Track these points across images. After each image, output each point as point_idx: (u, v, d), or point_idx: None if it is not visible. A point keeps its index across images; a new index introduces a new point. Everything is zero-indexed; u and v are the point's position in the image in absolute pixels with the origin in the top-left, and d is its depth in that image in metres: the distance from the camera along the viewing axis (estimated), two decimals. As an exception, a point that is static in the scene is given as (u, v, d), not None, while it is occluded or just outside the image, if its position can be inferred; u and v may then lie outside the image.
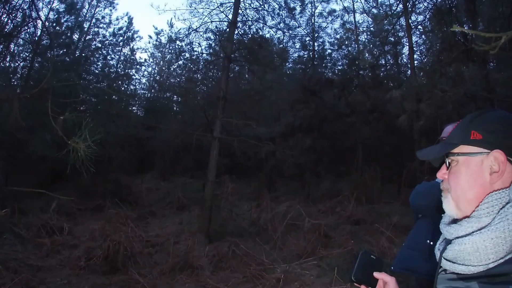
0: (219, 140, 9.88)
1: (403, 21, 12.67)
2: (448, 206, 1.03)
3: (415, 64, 13.30)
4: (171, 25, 17.50)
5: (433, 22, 11.03)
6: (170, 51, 17.83)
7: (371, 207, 10.58)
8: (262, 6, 10.77)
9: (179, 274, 6.83)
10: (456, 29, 2.25)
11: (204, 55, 12.16)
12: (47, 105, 2.49)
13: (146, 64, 21.89)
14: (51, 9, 13.62)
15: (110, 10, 16.83)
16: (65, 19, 14.35)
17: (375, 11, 14.31)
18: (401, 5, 11.76)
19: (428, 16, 11.53)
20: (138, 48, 22.28)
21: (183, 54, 12.62)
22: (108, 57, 17.55)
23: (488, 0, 9.73)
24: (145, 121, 18.68)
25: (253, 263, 7.00)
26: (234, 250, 7.62)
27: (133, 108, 22.03)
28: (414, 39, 13.11)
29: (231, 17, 9.95)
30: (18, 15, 11.64)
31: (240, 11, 10.31)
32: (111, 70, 17.59)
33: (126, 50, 18.19)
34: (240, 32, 10.67)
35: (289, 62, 16.32)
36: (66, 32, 14.56)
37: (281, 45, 15.44)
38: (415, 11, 12.31)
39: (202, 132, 12.05)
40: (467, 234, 0.94)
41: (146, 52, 23.44)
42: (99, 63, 17.31)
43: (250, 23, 10.84)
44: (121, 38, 17.41)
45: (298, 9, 15.18)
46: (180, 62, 16.26)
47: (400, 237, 7.70)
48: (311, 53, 15.66)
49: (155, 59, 22.16)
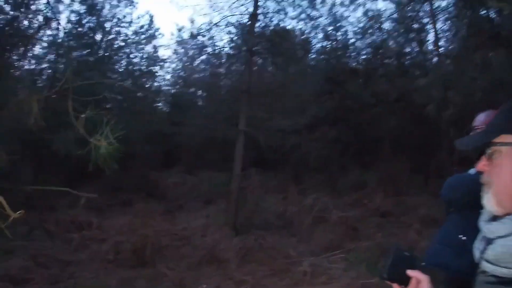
0: (244, 133, 9.87)
1: (427, 7, 12.26)
2: (489, 202, 0.93)
3: (441, 51, 12.87)
4: (192, 21, 17.49)
5: (459, 7, 10.57)
6: (193, 47, 17.86)
7: (399, 199, 10.33)
8: (283, -3, 10.64)
9: (206, 267, 6.91)
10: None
11: (226, 49, 12.15)
12: (67, 105, 2.51)
13: (170, 61, 22.03)
14: (72, 11, 13.90)
15: (131, 9, 16.89)
16: (87, 20, 14.59)
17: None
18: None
19: (453, 0, 11.06)
20: (161, 45, 22.42)
21: (205, 50, 12.65)
22: (132, 56, 17.71)
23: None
24: (171, 117, 18.87)
25: (280, 256, 6.98)
26: (261, 243, 7.63)
27: (159, 105, 22.26)
28: (439, 25, 12.66)
29: (252, 10, 9.89)
30: (39, 18, 11.96)
31: (261, 3, 10.21)
32: (135, 68, 17.78)
33: (149, 48, 18.32)
34: (261, 25, 10.60)
35: (312, 53, 16.08)
36: (89, 33, 14.82)
37: (303, 36, 15.20)
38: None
39: (227, 126, 12.08)
40: (510, 234, 0.85)
41: (169, 49, 23.57)
42: (123, 62, 17.52)
43: (271, 15, 10.73)
44: (143, 36, 17.52)
45: (319, -1, 14.95)
46: (203, 57, 16.31)
47: (428, 230, 7.49)
48: (334, 43, 15.40)
49: (178, 55, 22.28)
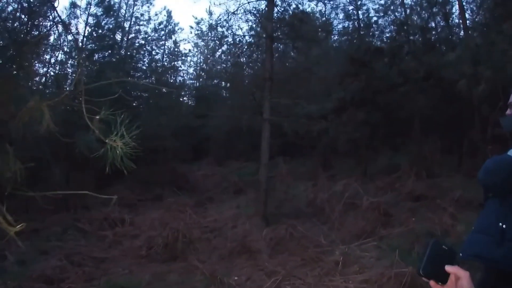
0: (270, 122, 9.77)
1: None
2: None
3: (468, 24, 12.22)
4: (210, 13, 17.50)
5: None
6: (213, 39, 17.89)
7: (432, 181, 9.93)
8: (300, -21, 10.36)
9: (237, 259, 6.90)
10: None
11: (246, 38, 12.02)
12: (87, 107, 2.49)
13: (191, 54, 22.22)
14: (90, 15, 14.14)
15: (148, 7, 17.19)
16: (105, 22, 14.84)
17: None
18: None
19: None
20: (181, 40, 22.68)
21: (226, 40, 12.58)
22: (153, 53, 18.03)
23: None
24: (196, 110, 19.02)
25: (311, 245, 6.88)
26: (292, 233, 7.55)
27: (184, 99, 22.53)
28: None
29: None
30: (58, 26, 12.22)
31: (277, -12, 10.00)
32: (158, 65, 18.03)
33: (170, 43, 18.54)
34: (280, 10, 10.38)
35: (334, 35, 15.71)
36: (108, 34, 15.07)
37: (324, 18, 14.85)
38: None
39: (252, 115, 11.99)
40: None
41: (190, 43, 23.78)
42: (145, 60, 17.82)
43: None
44: (163, 32, 17.77)
45: (338, -22, 14.49)
46: (224, 48, 16.27)
47: (464, 213, 7.21)
48: (356, 23, 14.94)
49: (199, 48, 22.41)
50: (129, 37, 16.85)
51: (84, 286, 5.73)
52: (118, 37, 16.15)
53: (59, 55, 14.34)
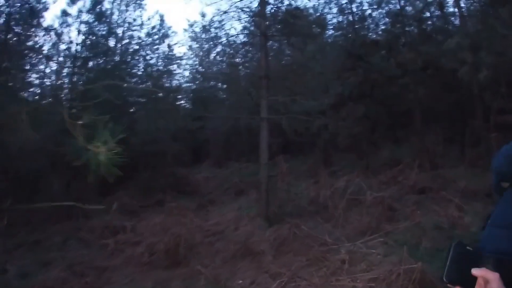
0: (268, 120, 9.64)
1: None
2: None
3: (463, 11, 12.05)
4: (203, 15, 17.38)
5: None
6: (207, 40, 17.80)
7: (435, 173, 9.78)
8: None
9: (241, 261, 6.78)
10: None
11: (240, 37, 11.91)
12: (77, 114, 2.35)
13: (186, 57, 22.12)
14: (81, 22, 14.01)
15: (140, 12, 17.04)
16: (98, 29, 14.70)
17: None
18: None
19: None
20: (175, 43, 22.55)
21: (219, 40, 12.47)
22: (148, 57, 17.87)
23: None
24: (194, 113, 18.92)
25: (316, 244, 6.74)
26: (295, 232, 7.41)
27: (181, 102, 22.45)
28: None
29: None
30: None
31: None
32: (153, 69, 17.91)
33: (164, 47, 18.41)
34: (273, 7, 10.25)
35: (329, 29, 15.53)
36: (102, 41, 14.94)
37: (317, 13, 14.67)
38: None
39: (250, 115, 11.85)
40: None
41: (184, 46, 23.67)
42: (140, 65, 17.68)
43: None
44: (156, 37, 17.61)
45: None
46: (219, 49, 16.17)
47: (470, 204, 7.09)
48: (350, 16, 14.78)
49: (194, 51, 22.29)
50: (123, 43, 16.72)
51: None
52: (112, 44, 16.01)
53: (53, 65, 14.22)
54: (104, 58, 14.75)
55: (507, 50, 6.79)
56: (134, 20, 16.90)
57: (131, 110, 16.66)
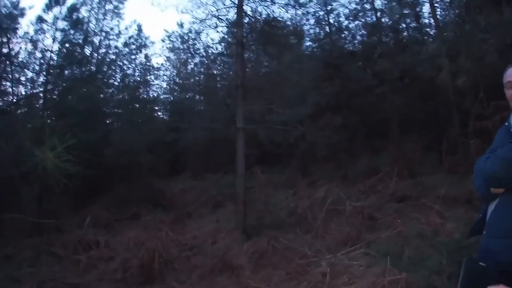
0: (244, 131, 9.48)
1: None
2: None
3: (439, 23, 12.28)
4: (181, 25, 17.19)
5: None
6: (185, 51, 17.63)
7: (415, 181, 9.81)
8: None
9: (219, 277, 6.55)
10: None
11: (217, 47, 11.79)
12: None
13: (164, 68, 21.87)
14: (57, 29, 13.58)
15: (118, 21, 16.74)
16: (73, 37, 14.29)
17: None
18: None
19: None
20: (153, 54, 22.23)
21: (197, 50, 12.30)
22: (125, 67, 17.54)
23: None
24: (171, 124, 18.61)
25: (296, 257, 6.55)
26: (274, 245, 7.20)
27: (158, 113, 22.12)
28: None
29: (237, 1, 9.46)
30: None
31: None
32: (130, 80, 17.57)
33: (141, 58, 18.12)
34: (250, 17, 10.19)
35: (306, 40, 15.63)
36: (77, 49, 14.53)
37: (295, 24, 14.73)
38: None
39: (227, 125, 11.67)
40: None
41: (161, 56, 23.48)
42: (117, 75, 17.33)
43: (257, 4, 10.29)
44: (134, 47, 17.32)
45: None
46: (196, 60, 16.02)
47: (451, 210, 7.08)
48: (327, 28, 14.91)
49: (171, 62, 22.06)
50: (100, 52, 16.34)
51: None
52: (88, 52, 15.60)
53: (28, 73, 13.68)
54: (80, 67, 14.31)
55: (486, 55, 6.86)
56: (111, 29, 16.61)
57: (107, 121, 16.26)
